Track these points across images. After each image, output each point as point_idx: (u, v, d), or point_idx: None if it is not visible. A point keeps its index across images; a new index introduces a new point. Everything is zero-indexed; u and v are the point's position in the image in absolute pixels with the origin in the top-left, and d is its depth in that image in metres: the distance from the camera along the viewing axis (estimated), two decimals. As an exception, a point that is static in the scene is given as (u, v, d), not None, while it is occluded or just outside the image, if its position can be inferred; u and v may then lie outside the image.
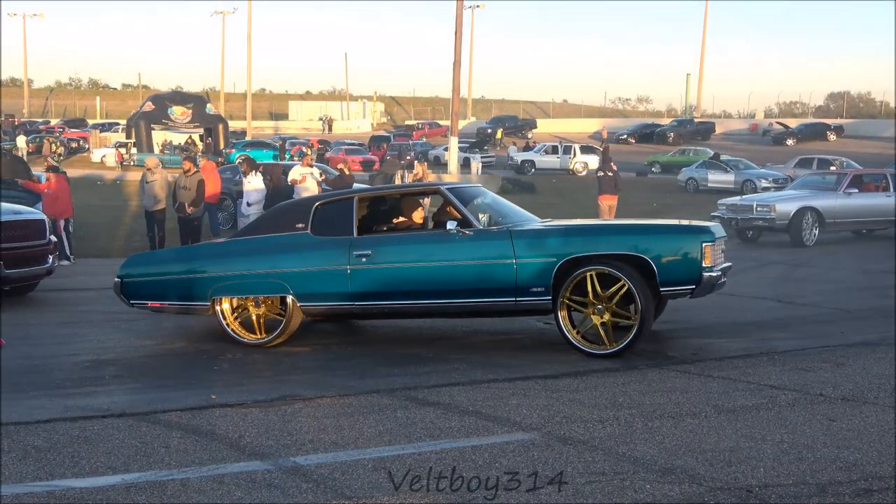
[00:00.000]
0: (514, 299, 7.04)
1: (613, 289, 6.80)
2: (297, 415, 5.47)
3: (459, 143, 36.99)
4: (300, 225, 7.73)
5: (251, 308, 7.80)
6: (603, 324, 6.88)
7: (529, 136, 60.14)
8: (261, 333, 7.75)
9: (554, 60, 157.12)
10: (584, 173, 40.11)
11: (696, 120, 64.50)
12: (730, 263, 7.57)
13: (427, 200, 9.87)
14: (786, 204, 17.16)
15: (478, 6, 73.94)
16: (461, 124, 46.58)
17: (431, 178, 20.60)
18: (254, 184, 15.26)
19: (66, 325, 9.18)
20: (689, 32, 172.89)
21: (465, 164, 38.36)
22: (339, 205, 7.83)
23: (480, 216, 7.36)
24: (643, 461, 4.46)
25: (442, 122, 65.89)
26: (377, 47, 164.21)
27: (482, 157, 42.31)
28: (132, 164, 43.03)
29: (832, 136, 55.75)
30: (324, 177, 18.55)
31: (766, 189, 27.68)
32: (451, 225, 7.20)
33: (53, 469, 4.47)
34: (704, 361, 6.87)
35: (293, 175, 16.92)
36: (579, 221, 8.78)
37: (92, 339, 8.28)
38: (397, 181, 30.99)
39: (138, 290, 8.17)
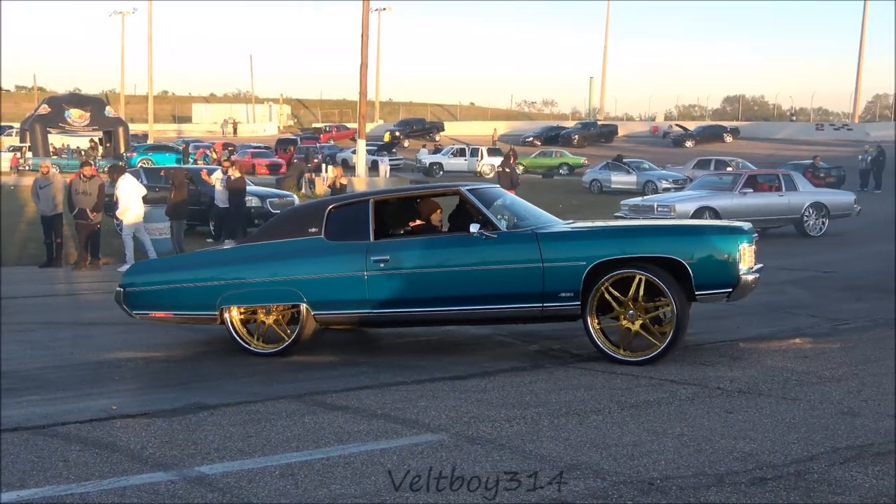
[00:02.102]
0: (540, 305, 6.76)
1: (633, 290, 6.56)
2: (201, 423, 5.37)
3: (367, 145, 36.91)
4: (313, 229, 7.40)
5: (262, 317, 7.49)
6: (627, 329, 6.64)
7: (437, 138, 60.45)
8: (271, 343, 7.46)
9: (461, 64, 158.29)
10: (491, 175, 40.50)
11: (599, 122, 65.96)
12: (762, 264, 7.18)
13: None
14: (685, 204, 17.72)
15: (384, 9, 74.04)
16: (369, 127, 46.47)
17: (344, 181, 20.55)
18: (121, 189, 14.82)
19: (-44, 337, 8.78)
20: (592, 37, 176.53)
21: (373, 167, 38.31)
22: (354, 208, 7.46)
23: (501, 218, 7.12)
24: (549, 458, 4.53)
25: (349, 125, 65.62)
26: (283, 49, 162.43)
27: (390, 160, 42.36)
28: (28, 168, 41.47)
29: (728, 138, 57.71)
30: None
31: (666, 190, 28.47)
32: (474, 227, 6.84)
33: (-58, 488, 4.28)
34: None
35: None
36: (609, 223, 8.50)
37: (-16, 351, 7.94)
38: (305, 184, 30.87)
39: (142, 299, 7.81)
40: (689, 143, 56.37)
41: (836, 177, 30.31)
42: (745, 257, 6.60)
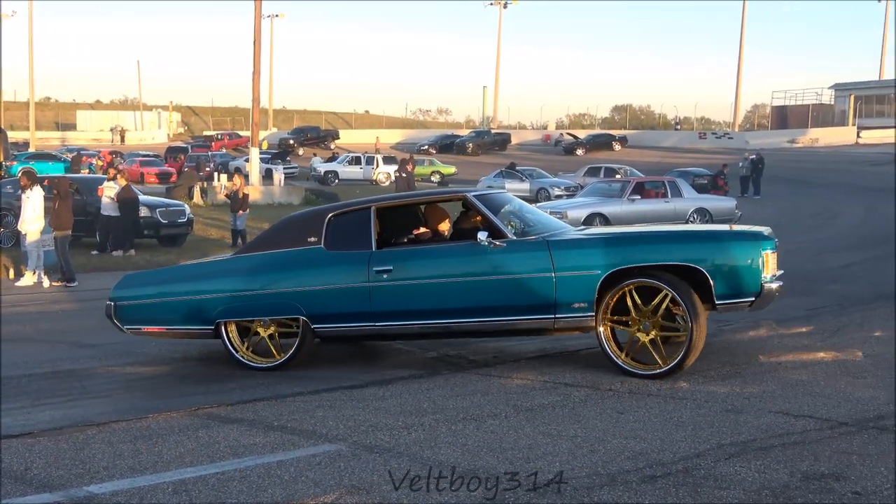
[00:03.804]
0: (553, 316, 6.45)
1: (656, 301, 6.27)
2: (89, 441, 5.19)
3: (261, 153, 36.41)
4: (312, 239, 7.09)
5: (260, 330, 7.20)
6: (652, 340, 6.32)
7: (332, 147, 60.10)
8: (270, 357, 7.17)
9: (356, 72, 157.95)
10: (387, 183, 40.52)
11: (493, 131, 66.77)
12: (782, 271, 6.78)
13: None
14: (577, 211, 18.20)
15: (277, 15, 73.28)
16: (262, 135, 45.85)
17: (246, 190, 20.19)
18: (32, 199, 14.18)
19: None
20: (485, 46, 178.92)
21: (267, 176, 37.81)
22: (356, 215, 7.15)
23: (509, 225, 6.85)
24: (447, 464, 4.56)
25: (242, 133, 64.53)
26: (172, 55, 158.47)
27: (285, 169, 41.89)
28: None
29: (617, 146, 59.28)
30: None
31: (558, 197, 29.07)
32: (482, 236, 6.54)
33: None
34: (504, 363, 7.12)
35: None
36: (623, 229, 8.20)
37: None
38: (196, 194, 30.21)
39: (133, 313, 7.44)
40: (579, 151, 57.65)
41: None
42: (768, 264, 6.31)
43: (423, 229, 7.49)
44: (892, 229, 19.49)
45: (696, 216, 19.18)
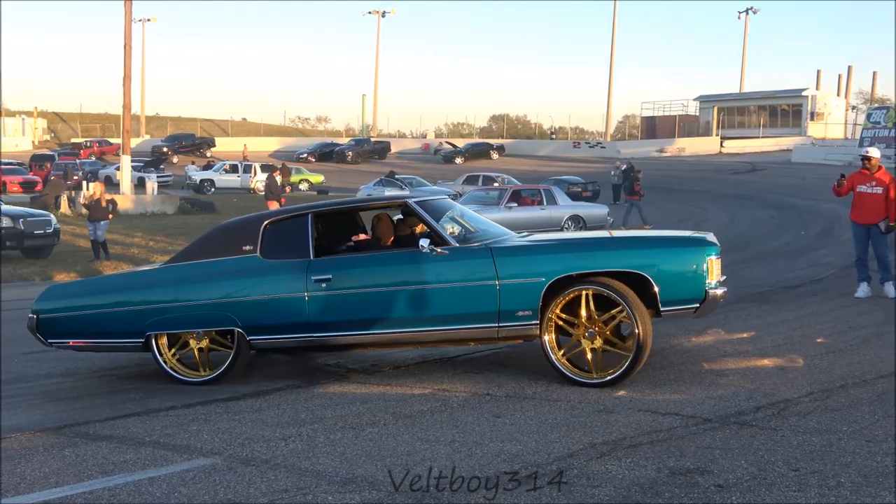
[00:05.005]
0: (496, 325, 6.33)
1: (599, 307, 6.21)
2: (-56, 465, 4.91)
3: (133, 161, 35.29)
4: (248, 247, 6.84)
5: (192, 343, 6.88)
6: (594, 349, 6.25)
7: (208, 154, 58.77)
8: (203, 370, 6.85)
9: (231, 78, 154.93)
10: (265, 192, 39.92)
11: (372, 139, 66.77)
12: (725, 276, 6.70)
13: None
14: (455, 218, 18.37)
15: (149, 20, 71.27)
16: (134, 142, 44.44)
17: (108, 197, 19.43)
18: None
19: None
20: (364, 54, 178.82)
21: (139, 184, 36.66)
22: (293, 222, 6.91)
23: (451, 231, 6.70)
24: (325, 474, 4.54)
25: (113, 140, 62.29)
26: (37, 59, 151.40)
27: (158, 177, 40.73)
28: None
29: (495, 155, 60.24)
30: None
31: (438, 205, 29.25)
32: (424, 243, 6.37)
33: None
34: (383, 371, 7.13)
35: None
36: (568, 235, 7.99)
37: None
38: (63, 203, 29.02)
39: (57, 326, 7.00)
40: (458, 160, 58.26)
41: (592, 191, 32.54)
42: (713, 270, 6.29)
43: (362, 236, 7.41)
44: (752, 236, 20.54)
45: (570, 223, 19.71)
